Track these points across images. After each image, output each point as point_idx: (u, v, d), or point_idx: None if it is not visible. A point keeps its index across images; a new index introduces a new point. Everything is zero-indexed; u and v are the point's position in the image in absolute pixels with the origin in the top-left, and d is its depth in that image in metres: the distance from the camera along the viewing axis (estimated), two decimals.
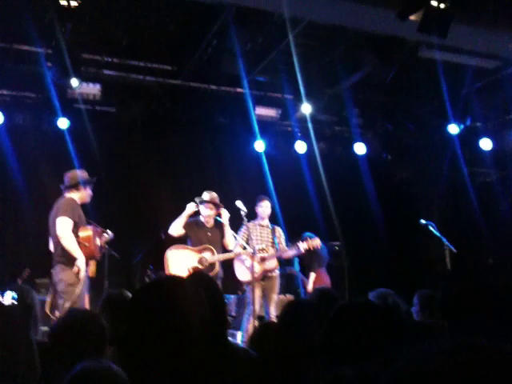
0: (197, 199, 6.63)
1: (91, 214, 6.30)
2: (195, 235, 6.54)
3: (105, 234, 5.89)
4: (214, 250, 6.44)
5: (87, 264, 5.30)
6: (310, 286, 7.70)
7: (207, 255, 6.42)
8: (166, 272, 6.38)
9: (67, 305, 5.02)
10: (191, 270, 6.22)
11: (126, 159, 8.55)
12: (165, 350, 1.51)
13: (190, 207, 6.49)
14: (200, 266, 6.33)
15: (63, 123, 7.69)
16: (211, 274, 6.23)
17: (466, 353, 0.67)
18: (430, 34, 5.53)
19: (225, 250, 6.60)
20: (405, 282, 7.85)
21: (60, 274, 5.22)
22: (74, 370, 1.64)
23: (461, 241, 7.70)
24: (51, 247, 5.50)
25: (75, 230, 5.29)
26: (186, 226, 6.60)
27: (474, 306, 2.13)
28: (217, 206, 6.59)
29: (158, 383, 1.49)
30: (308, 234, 7.30)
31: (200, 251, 6.44)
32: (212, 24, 6.29)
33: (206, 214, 6.57)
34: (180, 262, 6.38)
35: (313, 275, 7.78)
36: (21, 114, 7.70)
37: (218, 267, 6.43)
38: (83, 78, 7.04)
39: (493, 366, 0.65)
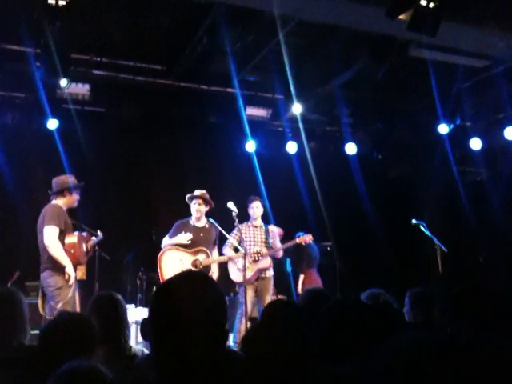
0: (188, 195, 6.63)
1: (81, 215, 6.28)
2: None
3: (93, 238, 5.94)
4: (209, 253, 6.42)
5: (75, 269, 5.42)
6: (299, 288, 7.69)
7: (201, 257, 6.38)
8: (160, 273, 6.35)
9: (58, 307, 5.16)
10: None
11: (115, 159, 8.51)
12: (167, 350, 1.50)
13: (185, 237, 6.45)
14: (194, 269, 6.29)
15: (52, 124, 7.65)
16: None
17: (456, 353, 0.66)
18: (419, 32, 5.53)
19: None
20: (397, 281, 7.87)
21: (48, 279, 5.36)
22: (60, 369, 1.64)
23: (451, 240, 7.73)
24: None
25: (61, 237, 5.41)
26: (177, 231, 6.57)
27: (474, 306, 2.13)
28: (206, 202, 6.58)
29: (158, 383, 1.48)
30: (301, 233, 7.33)
31: (194, 253, 6.40)
32: (201, 22, 6.26)
33: (195, 208, 6.54)
34: (174, 264, 6.34)
35: (301, 276, 7.77)
36: (10, 113, 7.65)
37: (212, 270, 6.41)
38: (72, 78, 6.99)
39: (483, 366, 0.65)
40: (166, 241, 6.55)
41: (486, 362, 0.65)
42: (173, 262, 6.37)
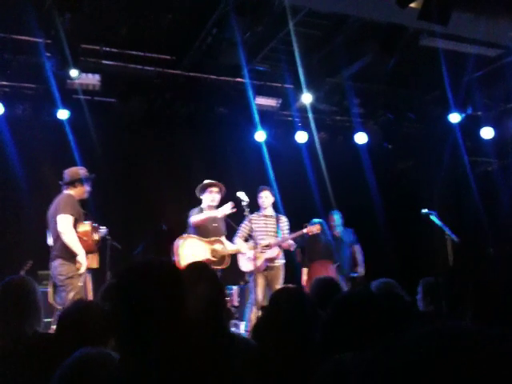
0: (202, 184, 6.53)
1: (92, 205, 6.32)
2: (204, 226, 6.43)
3: (100, 230, 5.99)
4: (224, 243, 6.39)
5: (86, 258, 5.47)
6: (303, 281, 7.60)
7: (219, 247, 6.36)
8: (177, 260, 6.22)
9: (70, 296, 5.22)
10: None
11: (125, 150, 8.54)
12: (164, 338, 1.50)
13: (225, 209, 6.21)
14: (213, 259, 6.23)
15: (63, 114, 7.68)
16: (223, 266, 6.22)
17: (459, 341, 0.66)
18: (430, 21, 5.48)
19: None
20: (406, 271, 7.86)
21: (58, 268, 5.40)
22: (72, 356, 1.66)
23: (461, 230, 7.70)
24: (49, 241, 5.66)
25: (75, 225, 5.47)
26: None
27: (474, 304, 2.12)
28: (221, 191, 6.52)
29: (157, 372, 1.49)
30: (315, 220, 7.28)
31: (212, 243, 6.36)
32: (211, 13, 6.25)
33: (213, 197, 6.43)
34: (194, 253, 6.21)
35: (305, 270, 7.69)
36: (20, 104, 7.68)
37: (228, 260, 6.38)
38: (82, 69, 7.01)
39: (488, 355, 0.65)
40: (199, 216, 6.35)
41: (486, 362, 0.64)
42: (193, 250, 6.23)
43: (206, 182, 6.53)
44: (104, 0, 6.27)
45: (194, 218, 6.35)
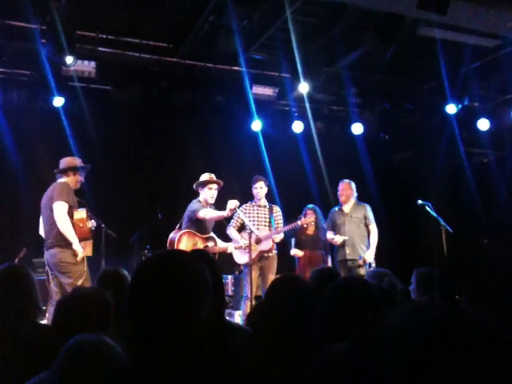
0: (204, 179, 6.42)
1: (88, 193, 6.30)
2: (204, 222, 6.36)
3: (92, 221, 5.97)
4: (216, 240, 6.38)
5: (82, 245, 5.48)
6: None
7: (211, 245, 6.35)
8: None
9: (79, 283, 5.23)
10: None
11: (121, 137, 8.50)
12: (164, 338, 1.49)
13: (231, 205, 5.95)
14: None
15: (58, 101, 7.63)
16: None
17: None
18: (429, 11, 5.45)
19: None
20: (401, 262, 7.89)
21: (58, 254, 5.38)
22: (68, 343, 1.66)
23: (457, 221, 7.72)
24: (41, 230, 5.67)
25: (70, 213, 5.47)
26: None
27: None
28: (219, 186, 6.46)
29: (156, 358, 1.48)
30: (310, 206, 7.24)
31: (206, 240, 6.34)
32: (209, 0, 6.20)
33: (212, 194, 6.36)
34: (189, 248, 6.20)
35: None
36: (15, 91, 7.63)
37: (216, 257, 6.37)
38: (78, 55, 6.95)
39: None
40: (211, 213, 6.25)
41: (489, 362, 0.63)
42: (190, 245, 6.22)
43: (206, 177, 6.39)
44: None
45: (206, 214, 6.18)
